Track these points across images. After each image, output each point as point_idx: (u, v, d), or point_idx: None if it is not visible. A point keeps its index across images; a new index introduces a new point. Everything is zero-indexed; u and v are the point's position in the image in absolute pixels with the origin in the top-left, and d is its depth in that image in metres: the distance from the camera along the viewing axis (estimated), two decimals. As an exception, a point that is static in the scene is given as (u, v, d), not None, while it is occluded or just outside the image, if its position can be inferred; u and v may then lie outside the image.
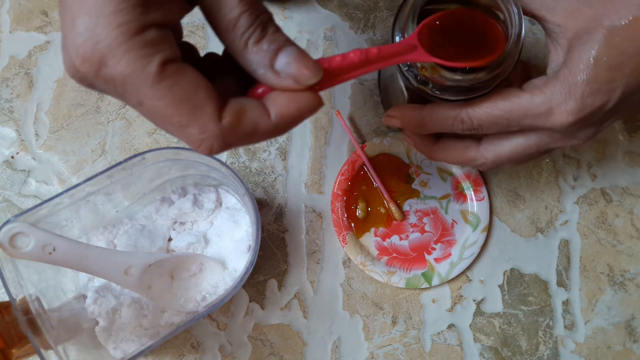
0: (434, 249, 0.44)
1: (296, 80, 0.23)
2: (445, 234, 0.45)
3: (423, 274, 0.44)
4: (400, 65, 0.32)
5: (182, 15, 0.24)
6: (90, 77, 0.21)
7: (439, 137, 0.37)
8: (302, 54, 0.23)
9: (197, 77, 0.22)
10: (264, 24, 0.23)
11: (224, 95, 0.23)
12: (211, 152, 0.23)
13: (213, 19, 0.23)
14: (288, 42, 0.23)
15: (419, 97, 0.35)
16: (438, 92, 0.32)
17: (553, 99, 0.30)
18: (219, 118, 0.22)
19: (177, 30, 0.26)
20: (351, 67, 0.25)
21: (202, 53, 0.49)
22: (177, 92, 0.21)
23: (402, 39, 0.32)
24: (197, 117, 0.21)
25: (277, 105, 0.23)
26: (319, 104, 0.24)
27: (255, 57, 0.23)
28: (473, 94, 0.32)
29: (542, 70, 0.35)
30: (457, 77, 0.31)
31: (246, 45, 0.22)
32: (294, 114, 0.24)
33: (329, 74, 0.25)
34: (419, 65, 0.31)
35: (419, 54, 0.29)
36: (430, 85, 0.32)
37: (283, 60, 0.23)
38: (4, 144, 0.45)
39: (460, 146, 0.35)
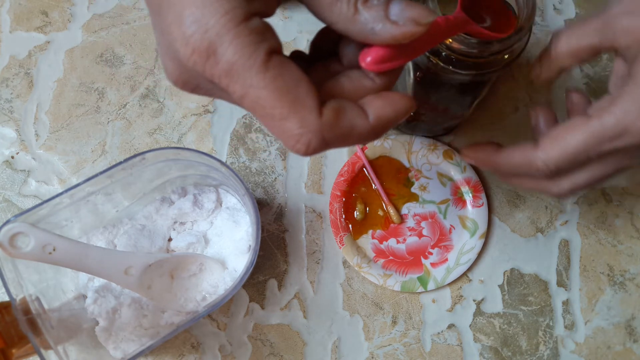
0: (431, 253, 0.44)
1: (417, 21, 0.22)
2: (442, 239, 0.45)
3: (419, 278, 0.44)
4: None
5: (275, 8, 0.23)
6: (198, 69, 0.21)
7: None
8: (409, 1, 0.22)
9: (298, 72, 0.22)
10: None
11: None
12: (307, 149, 0.22)
13: (313, 2, 0.22)
14: None
15: (425, 78, 0.35)
16: (450, 66, 0.32)
17: (626, 117, 0.28)
18: (319, 114, 0.22)
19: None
20: (439, 31, 0.26)
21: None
22: (280, 83, 0.21)
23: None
24: (297, 110, 0.21)
25: (375, 108, 0.23)
26: (412, 105, 0.24)
27: (369, 15, 0.22)
28: (483, 69, 0.32)
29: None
30: (473, 41, 0.31)
31: (356, 9, 0.22)
32: (391, 116, 0.23)
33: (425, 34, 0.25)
34: None
35: (470, 25, 0.29)
36: (444, 55, 0.32)
37: (396, 9, 0.22)
38: (4, 144, 0.45)
39: (534, 178, 0.33)
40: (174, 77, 0.23)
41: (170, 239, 0.42)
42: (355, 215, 0.45)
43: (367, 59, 0.23)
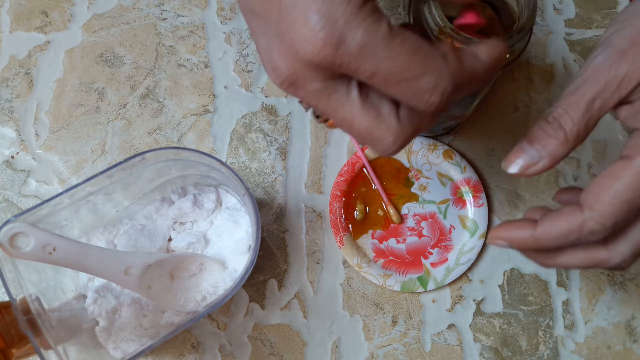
0: (431, 253, 0.44)
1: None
2: (442, 239, 0.45)
3: (419, 278, 0.44)
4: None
5: None
6: (328, 60, 0.22)
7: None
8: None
9: (413, 34, 0.23)
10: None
11: None
12: (442, 98, 0.23)
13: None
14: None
15: None
16: None
17: None
18: (447, 62, 0.23)
19: None
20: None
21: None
22: (409, 46, 0.22)
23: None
24: (430, 63, 0.23)
25: (483, 50, 0.25)
26: (506, 47, 0.26)
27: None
28: None
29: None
30: (475, 41, 0.31)
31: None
32: (498, 55, 0.25)
33: None
34: (436, 27, 0.31)
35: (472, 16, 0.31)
36: None
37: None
38: (4, 144, 0.45)
39: (585, 249, 0.29)
40: (285, 76, 0.24)
41: (170, 239, 0.42)
42: (355, 215, 0.45)
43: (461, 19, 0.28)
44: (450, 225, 0.45)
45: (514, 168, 0.28)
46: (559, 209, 0.28)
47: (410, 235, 0.45)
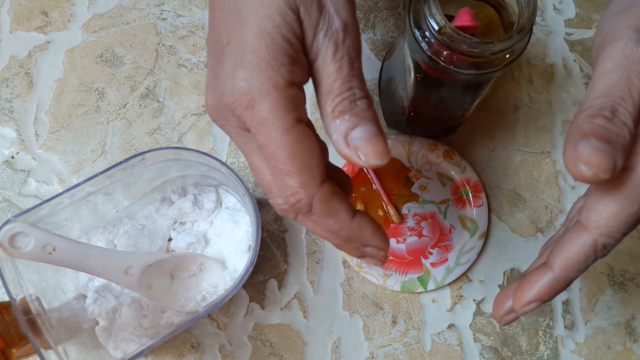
0: (431, 253, 0.44)
1: (359, 156, 0.24)
2: (442, 239, 0.45)
3: (419, 278, 0.44)
4: (416, 34, 0.33)
5: (308, 78, 0.26)
6: (237, 113, 0.25)
7: None
8: (377, 135, 0.24)
9: (317, 146, 0.25)
10: (355, 97, 0.25)
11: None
12: (295, 205, 0.25)
13: (317, 88, 0.26)
14: (370, 121, 0.25)
15: (426, 78, 0.35)
16: (451, 66, 0.32)
17: None
18: (320, 186, 0.25)
19: None
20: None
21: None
22: (298, 149, 0.24)
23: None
24: (303, 174, 0.24)
25: (362, 218, 0.27)
26: (383, 260, 0.29)
27: (336, 125, 0.25)
28: (484, 69, 0.32)
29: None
30: (475, 41, 0.31)
31: (333, 112, 0.25)
32: (370, 235, 0.28)
33: None
34: (437, 28, 0.31)
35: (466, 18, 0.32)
36: (445, 54, 0.32)
37: (357, 134, 0.24)
38: (4, 144, 0.45)
39: (578, 246, 0.27)
40: (211, 109, 0.27)
41: (170, 239, 0.42)
42: (355, 215, 0.45)
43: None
44: (450, 225, 0.45)
45: (589, 170, 0.24)
46: (563, 237, 0.27)
47: (410, 235, 0.45)
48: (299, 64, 0.25)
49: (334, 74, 0.25)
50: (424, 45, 0.33)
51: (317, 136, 0.27)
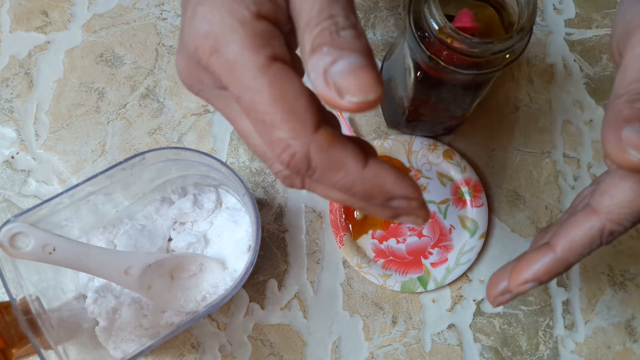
0: (431, 253, 0.44)
1: (340, 92, 0.19)
2: (442, 239, 0.45)
3: (419, 278, 0.44)
4: (416, 34, 0.33)
5: (286, 20, 0.22)
6: (203, 63, 0.21)
7: None
8: (363, 67, 0.19)
9: (302, 86, 0.21)
10: (338, 27, 0.20)
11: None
12: (290, 163, 0.21)
13: (297, 25, 0.21)
14: (355, 51, 0.20)
15: (426, 78, 0.35)
16: (451, 66, 0.32)
17: None
18: (314, 130, 0.20)
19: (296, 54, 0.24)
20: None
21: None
22: (277, 90, 0.20)
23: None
24: (290, 120, 0.20)
25: (377, 165, 0.22)
26: (418, 197, 0.22)
27: (314, 62, 0.20)
28: (484, 69, 0.32)
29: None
30: (475, 41, 0.31)
31: (312, 47, 0.20)
32: (389, 184, 0.22)
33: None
34: (437, 29, 0.31)
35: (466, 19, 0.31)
36: (445, 54, 0.32)
37: (337, 68, 0.19)
38: (4, 144, 0.45)
39: (584, 229, 0.26)
40: (183, 73, 0.23)
41: (170, 239, 0.42)
42: (355, 215, 0.45)
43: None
44: (450, 225, 0.45)
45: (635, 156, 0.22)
46: (569, 220, 0.27)
47: (410, 235, 0.45)
48: None
49: (311, 0, 0.20)
50: (424, 45, 0.33)
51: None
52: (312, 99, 0.21)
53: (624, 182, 0.24)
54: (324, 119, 0.21)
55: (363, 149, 0.22)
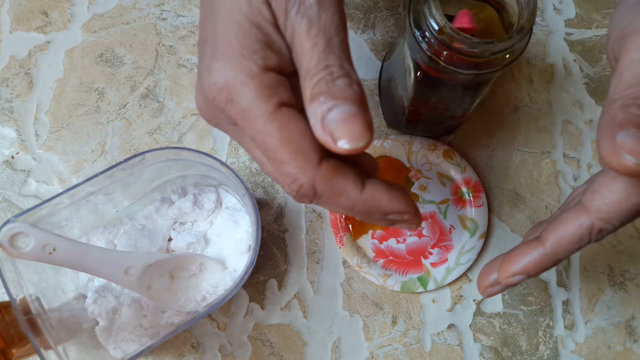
0: (431, 253, 0.44)
1: (334, 138, 0.22)
2: (442, 239, 0.45)
3: (419, 278, 0.44)
4: (416, 34, 0.33)
5: (290, 65, 0.25)
6: (220, 109, 0.24)
7: None
8: (354, 116, 0.22)
9: (306, 126, 0.23)
10: (333, 76, 0.23)
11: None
12: (299, 191, 0.24)
13: (299, 73, 0.24)
14: (348, 100, 0.22)
15: (426, 78, 0.35)
16: (451, 66, 0.32)
17: None
18: (318, 165, 0.24)
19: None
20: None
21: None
22: (285, 133, 0.23)
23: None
24: (297, 158, 0.23)
25: (375, 188, 0.25)
26: (410, 212, 0.26)
27: (312, 109, 0.23)
28: (484, 69, 0.32)
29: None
30: (475, 41, 0.31)
31: (311, 95, 0.23)
32: (384, 204, 0.25)
33: None
34: (437, 29, 0.31)
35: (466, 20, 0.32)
36: (445, 54, 0.32)
37: (332, 116, 0.22)
38: (4, 144, 0.45)
39: (574, 226, 0.27)
40: (202, 110, 0.26)
41: (170, 239, 0.42)
42: (355, 215, 0.45)
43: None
44: (450, 225, 0.45)
45: (633, 159, 0.22)
46: (560, 217, 0.27)
47: (410, 235, 0.45)
48: (273, 48, 0.24)
49: (309, 52, 0.23)
50: (424, 45, 0.33)
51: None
52: (312, 133, 0.24)
53: (615, 183, 0.25)
54: (328, 152, 0.24)
55: (366, 168, 0.27)
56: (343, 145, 0.22)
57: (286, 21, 0.23)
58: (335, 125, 0.22)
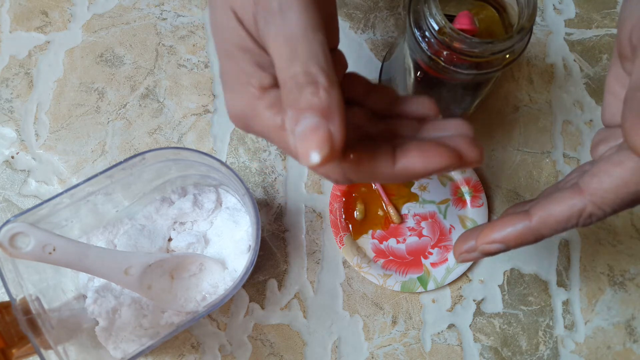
0: (431, 253, 0.44)
1: (301, 154, 0.21)
2: (442, 239, 0.45)
3: (419, 278, 0.44)
4: (416, 34, 0.33)
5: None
6: (246, 131, 0.27)
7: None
8: (312, 131, 0.21)
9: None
10: (300, 86, 0.22)
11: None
12: (337, 182, 0.26)
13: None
14: (309, 111, 0.21)
15: (426, 78, 0.35)
16: (451, 66, 0.32)
17: None
18: (343, 160, 0.24)
19: None
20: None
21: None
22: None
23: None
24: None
25: (406, 157, 0.24)
26: (452, 164, 0.24)
27: (287, 122, 0.22)
28: (484, 69, 0.32)
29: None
30: (475, 41, 0.31)
31: (284, 110, 0.23)
32: (419, 170, 0.24)
33: None
34: (437, 29, 0.31)
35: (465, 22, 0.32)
36: (445, 54, 0.32)
37: (298, 129, 0.21)
38: (4, 144, 0.45)
39: (565, 206, 0.27)
40: (232, 120, 0.27)
41: (170, 239, 0.42)
42: (355, 215, 0.45)
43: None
44: (450, 225, 0.45)
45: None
46: (553, 194, 0.27)
47: (410, 235, 0.45)
48: (264, 66, 0.24)
49: (277, 62, 0.22)
50: (424, 45, 0.33)
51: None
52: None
53: (615, 169, 0.25)
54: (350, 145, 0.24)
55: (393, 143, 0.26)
56: (305, 164, 0.21)
57: (258, 33, 0.23)
58: (299, 141, 0.21)
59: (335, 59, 0.27)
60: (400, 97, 0.29)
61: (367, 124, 0.28)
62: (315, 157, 0.21)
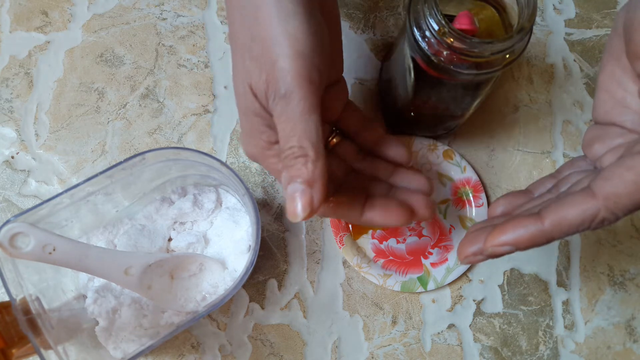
0: (431, 253, 0.44)
1: (288, 209, 0.28)
2: (442, 239, 0.45)
3: (419, 278, 0.44)
4: (416, 34, 0.33)
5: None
6: (255, 162, 0.35)
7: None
8: (294, 197, 0.28)
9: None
10: (294, 155, 0.28)
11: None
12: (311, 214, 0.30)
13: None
14: (297, 178, 0.28)
15: (426, 78, 0.35)
16: (451, 66, 0.32)
17: None
18: (326, 203, 0.32)
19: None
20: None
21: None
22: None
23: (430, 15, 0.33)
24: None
25: (371, 212, 0.33)
26: (406, 222, 0.33)
27: (282, 181, 0.29)
28: (484, 69, 0.32)
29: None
30: (475, 41, 0.31)
31: (282, 171, 0.29)
32: (379, 223, 0.33)
33: None
34: (437, 29, 0.31)
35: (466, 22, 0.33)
36: (445, 54, 0.32)
37: (289, 190, 0.28)
38: (4, 144, 0.45)
39: (579, 210, 0.27)
40: (247, 157, 0.36)
41: (170, 239, 0.42)
42: (355, 215, 0.45)
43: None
44: (450, 225, 0.45)
45: None
46: (566, 198, 0.27)
47: (410, 235, 0.45)
48: (271, 126, 0.30)
49: (280, 133, 0.28)
50: (424, 45, 0.33)
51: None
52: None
53: (628, 174, 0.25)
54: (335, 190, 0.34)
55: (397, 161, 0.36)
56: (289, 218, 0.28)
57: (268, 106, 0.29)
58: (288, 200, 0.28)
59: (338, 89, 0.34)
60: (385, 137, 0.36)
61: (354, 159, 0.36)
62: (299, 215, 0.28)
